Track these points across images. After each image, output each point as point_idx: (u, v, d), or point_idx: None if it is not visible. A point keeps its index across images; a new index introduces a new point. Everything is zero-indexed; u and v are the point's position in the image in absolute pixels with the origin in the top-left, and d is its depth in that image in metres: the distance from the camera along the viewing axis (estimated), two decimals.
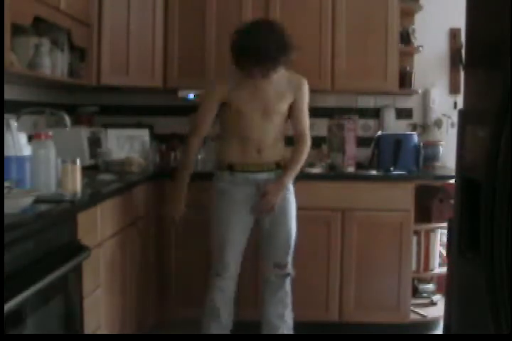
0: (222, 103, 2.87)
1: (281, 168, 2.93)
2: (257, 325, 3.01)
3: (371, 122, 4.01)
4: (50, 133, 2.34)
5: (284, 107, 2.90)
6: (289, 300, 2.99)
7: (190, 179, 3.36)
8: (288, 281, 2.98)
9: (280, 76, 2.86)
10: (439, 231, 3.64)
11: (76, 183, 2.33)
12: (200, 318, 2.98)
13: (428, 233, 3.63)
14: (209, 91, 2.93)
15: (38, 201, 1.98)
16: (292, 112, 2.94)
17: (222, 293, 2.92)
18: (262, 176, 2.89)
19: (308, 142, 2.97)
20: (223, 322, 2.95)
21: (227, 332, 2.97)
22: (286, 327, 2.99)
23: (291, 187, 2.97)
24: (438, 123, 3.93)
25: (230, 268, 2.90)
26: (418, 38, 3.85)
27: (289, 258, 2.97)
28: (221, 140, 2.99)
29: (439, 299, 3.63)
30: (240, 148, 2.88)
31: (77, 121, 3.69)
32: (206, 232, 3.36)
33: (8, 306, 1.51)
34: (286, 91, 2.89)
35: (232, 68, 2.87)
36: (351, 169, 3.51)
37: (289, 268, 2.97)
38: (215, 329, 2.94)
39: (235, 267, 2.92)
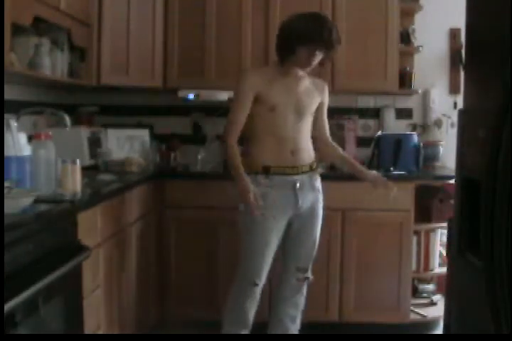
0: (255, 98, 2.73)
1: (313, 169, 2.86)
2: (259, 326, 3.01)
3: (371, 122, 4.01)
4: (50, 133, 2.34)
5: (314, 107, 2.87)
6: (303, 303, 2.98)
7: (191, 179, 3.37)
8: (306, 285, 2.96)
9: (305, 76, 2.86)
10: (439, 231, 3.64)
11: (76, 183, 2.33)
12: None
13: (428, 233, 3.63)
14: (243, 84, 2.74)
15: (38, 201, 1.98)
16: (319, 115, 2.93)
17: (255, 301, 2.86)
18: (298, 178, 2.79)
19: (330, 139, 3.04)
20: (250, 329, 2.92)
21: None
22: (295, 329, 2.99)
23: (321, 189, 2.92)
24: (438, 123, 3.93)
25: (264, 275, 2.83)
26: (418, 38, 3.85)
27: (311, 263, 2.95)
28: (251, 140, 2.81)
29: (439, 299, 3.63)
30: (274, 149, 2.75)
31: (77, 121, 3.69)
32: (206, 232, 3.37)
33: (9, 306, 1.51)
34: (314, 91, 2.87)
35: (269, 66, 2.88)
36: None
37: (309, 273, 2.94)
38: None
39: (267, 274, 2.85)
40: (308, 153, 2.85)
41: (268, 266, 2.82)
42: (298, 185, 2.78)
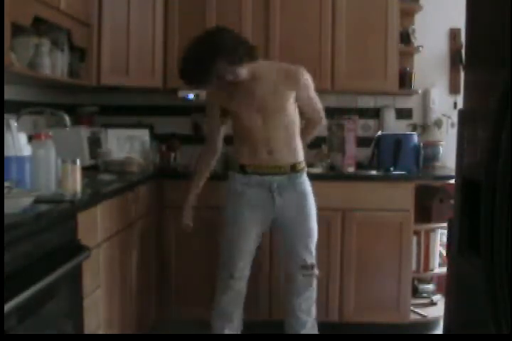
0: (224, 109, 2.87)
1: (296, 171, 2.85)
2: (259, 325, 3.01)
3: (371, 122, 4.01)
4: (50, 133, 2.34)
5: (284, 104, 2.79)
6: (314, 296, 2.97)
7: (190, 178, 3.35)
8: (315, 280, 2.95)
9: (272, 71, 2.81)
10: (439, 231, 3.64)
11: (76, 183, 2.33)
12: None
13: (428, 233, 3.63)
14: (207, 102, 2.97)
15: (38, 201, 1.98)
16: (302, 104, 2.89)
17: (236, 295, 2.89)
18: (275, 179, 2.82)
19: (324, 120, 3.06)
20: (236, 324, 2.93)
21: (238, 333, 2.96)
22: (312, 321, 2.99)
23: (308, 183, 2.91)
24: (438, 123, 3.93)
25: (242, 268, 2.88)
26: (418, 38, 3.85)
27: (313, 259, 2.92)
28: (233, 140, 2.94)
29: (439, 299, 3.63)
30: (250, 149, 2.83)
31: (77, 121, 3.69)
32: (206, 232, 3.37)
33: (8, 306, 1.51)
34: (283, 86, 2.78)
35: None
36: (351, 169, 3.51)
37: (315, 269, 2.93)
38: (228, 331, 2.92)
39: (247, 268, 2.90)
40: (289, 153, 2.85)
41: (246, 259, 2.87)
42: (275, 185, 2.82)
